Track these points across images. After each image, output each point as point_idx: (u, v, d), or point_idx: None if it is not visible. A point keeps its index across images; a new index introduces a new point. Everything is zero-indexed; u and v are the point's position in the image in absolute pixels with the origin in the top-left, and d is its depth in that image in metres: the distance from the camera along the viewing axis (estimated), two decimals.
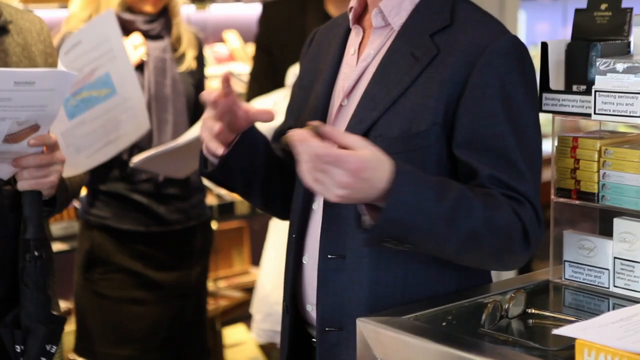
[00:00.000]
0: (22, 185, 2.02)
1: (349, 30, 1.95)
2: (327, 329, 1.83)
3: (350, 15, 1.92)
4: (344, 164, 1.58)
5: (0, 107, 1.88)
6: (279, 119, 2.01)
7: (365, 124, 1.80)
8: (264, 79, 3.40)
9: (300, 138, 1.60)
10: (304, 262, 1.90)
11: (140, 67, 3.10)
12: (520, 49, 1.80)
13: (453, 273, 1.84)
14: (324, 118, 1.90)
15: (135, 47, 3.09)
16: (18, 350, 2.04)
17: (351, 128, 1.81)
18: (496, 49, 1.77)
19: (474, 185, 1.75)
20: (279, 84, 3.32)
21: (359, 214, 1.69)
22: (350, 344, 1.80)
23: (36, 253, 2.02)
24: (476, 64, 1.76)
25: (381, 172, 1.62)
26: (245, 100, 3.51)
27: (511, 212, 1.72)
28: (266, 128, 3.14)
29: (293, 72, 3.20)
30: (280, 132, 2.04)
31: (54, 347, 2.05)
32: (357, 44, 1.91)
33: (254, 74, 3.52)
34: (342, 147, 1.61)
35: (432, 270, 1.82)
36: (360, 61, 1.88)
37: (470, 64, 1.76)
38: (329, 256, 1.82)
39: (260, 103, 3.21)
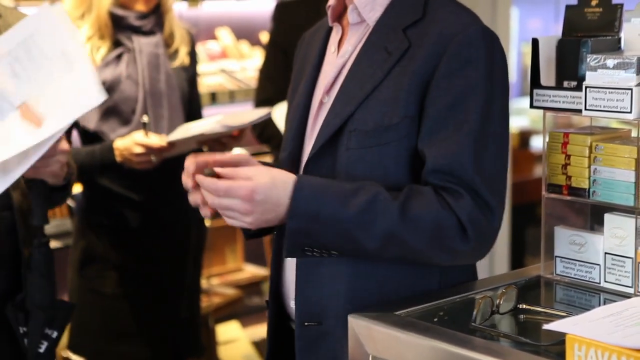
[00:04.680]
0: (27, 173, 2.07)
1: (331, 30, 1.97)
2: (306, 323, 1.84)
3: (329, 13, 1.93)
4: (235, 193, 1.70)
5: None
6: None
7: (340, 119, 1.81)
8: (280, 79, 3.34)
9: (199, 181, 1.72)
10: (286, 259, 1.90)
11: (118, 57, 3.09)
12: (489, 38, 1.80)
13: (433, 270, 1.83)
14: (305, 116, 1.92)
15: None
16: (21, 331, 2.11)
17: (328, 123, 1.83)
18: (464, 38, 1.77)
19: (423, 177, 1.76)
20: None
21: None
22: (329, 338, 1.81)
23: (42, 240, 2.09)
24: (444, 55, 1.76)
25: (280, 190, 1.72)
26: (255, 98, 3.48)
27: (440, 209, 1.72)
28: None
29: None
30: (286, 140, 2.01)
31: (55, 332, 2.10)
32: (336, 42, 1.93)
33: (267, 73, 3.44)
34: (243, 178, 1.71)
35: (411, 266, 1.82)
36: (338, 58, 1.90)
37: (438, 54, 1.77)
38: None
39: (283, 110, 3.19)
